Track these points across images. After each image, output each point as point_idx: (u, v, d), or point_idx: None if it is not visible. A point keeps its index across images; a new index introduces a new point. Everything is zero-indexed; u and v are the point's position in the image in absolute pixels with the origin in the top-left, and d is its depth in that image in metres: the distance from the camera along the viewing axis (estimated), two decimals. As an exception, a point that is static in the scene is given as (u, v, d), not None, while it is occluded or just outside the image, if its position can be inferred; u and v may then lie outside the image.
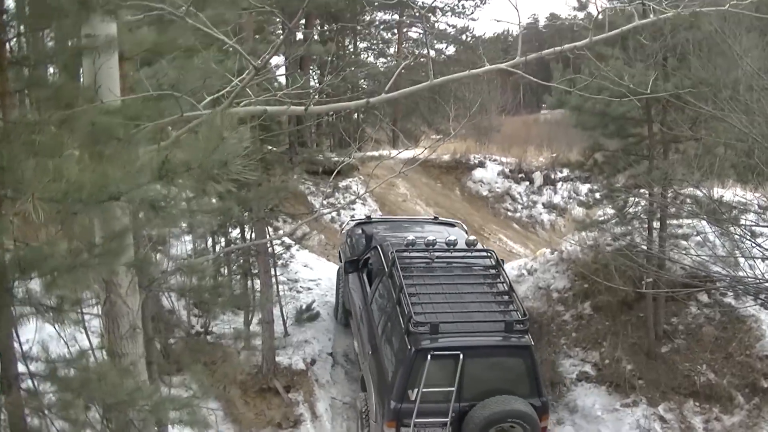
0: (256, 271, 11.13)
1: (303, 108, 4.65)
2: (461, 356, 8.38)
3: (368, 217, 14.08)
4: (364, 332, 10.33)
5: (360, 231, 12.28)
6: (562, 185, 22.58)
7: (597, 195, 11.96)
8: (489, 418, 8.34)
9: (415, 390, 8.39)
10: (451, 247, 10.10)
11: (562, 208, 21.82)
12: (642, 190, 10.92)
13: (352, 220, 14.61)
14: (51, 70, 5.55)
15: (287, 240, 12.25)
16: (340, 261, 12.50)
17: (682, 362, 10.90)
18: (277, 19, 12.47)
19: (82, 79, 4.56)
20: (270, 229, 10.92)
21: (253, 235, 11.01)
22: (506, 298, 9.43)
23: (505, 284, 9.60)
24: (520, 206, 22.71)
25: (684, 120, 10.07)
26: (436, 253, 9.99)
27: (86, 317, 5.18)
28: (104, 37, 4.14)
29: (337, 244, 17.82)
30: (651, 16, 5.49)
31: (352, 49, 31.62)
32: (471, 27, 32.37)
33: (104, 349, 4.96)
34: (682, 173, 9.44)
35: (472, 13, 32.35)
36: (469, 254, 10.25)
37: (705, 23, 8.95)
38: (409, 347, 8.53)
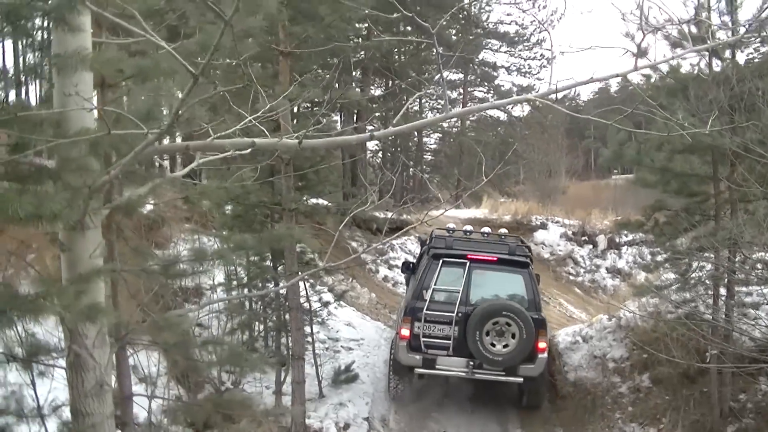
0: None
1: (297, 141, 4.13)
2: (468, 264, 10.53)
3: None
4: (409, 294, 11.86)
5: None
6: (627, 249, 21.46)
7: (659, 258, 11.06)
8: (486, 310, 10.05)
9: (429, 290, 10.38)
10: (486, 234, 12.43)
11: (626, 273, 20.71)
12: (707, 254, 9.98)
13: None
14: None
15: (326, 297, 11.72)
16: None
17: (751, 444, 9.76)
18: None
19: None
20: (306, 285, 10.40)
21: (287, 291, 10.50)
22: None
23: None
24: (582, 270, 21.65)
25: (754, 177, 9.16)
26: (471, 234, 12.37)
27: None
28: (73, 51, 3.72)
29: (389, 303, 17.25)
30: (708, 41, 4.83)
31: (417, 108, 31.67)
32: (537, 87, 31.96)
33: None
34: (751, 235, 8.53)
35: (538, 72, 32.04)
36: (500, 240, 12.11)
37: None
38: (428, 257, 10.75)
